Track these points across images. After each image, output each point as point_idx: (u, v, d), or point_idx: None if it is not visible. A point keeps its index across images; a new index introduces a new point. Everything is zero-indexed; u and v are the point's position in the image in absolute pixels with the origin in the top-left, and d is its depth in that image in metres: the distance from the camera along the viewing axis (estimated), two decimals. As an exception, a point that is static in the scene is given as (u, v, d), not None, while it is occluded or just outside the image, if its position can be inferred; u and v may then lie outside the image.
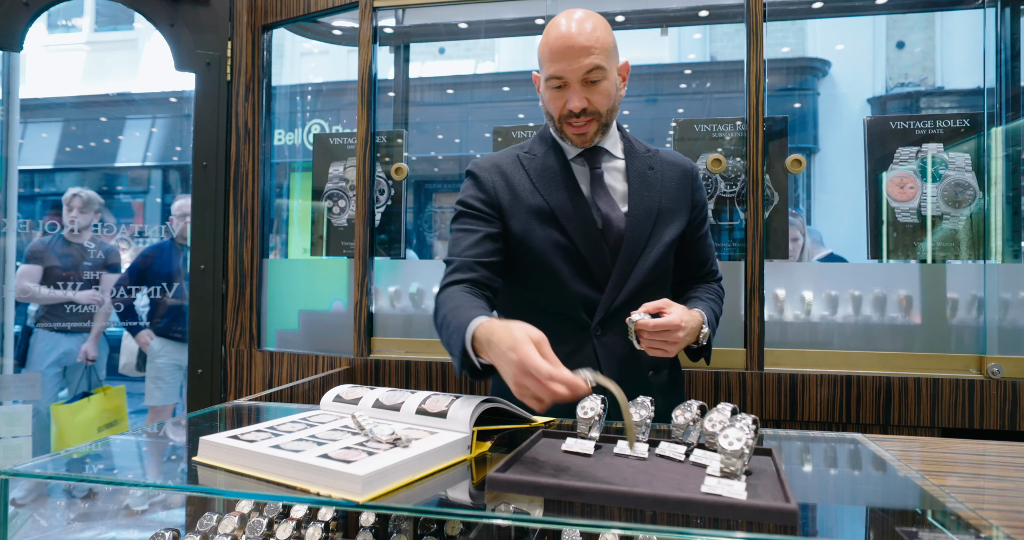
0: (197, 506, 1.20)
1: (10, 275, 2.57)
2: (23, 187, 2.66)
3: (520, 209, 1.32)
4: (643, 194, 1.34)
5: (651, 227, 1.33)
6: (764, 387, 1.82)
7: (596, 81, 1.25)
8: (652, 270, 1.32)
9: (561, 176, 1.33)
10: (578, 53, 1.23)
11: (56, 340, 2.91)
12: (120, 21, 9.00)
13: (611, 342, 1.31)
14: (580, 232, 1.29)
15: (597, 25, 1.26)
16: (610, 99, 1.28)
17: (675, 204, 1.37)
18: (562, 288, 1.30)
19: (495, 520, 0.80)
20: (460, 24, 2.56)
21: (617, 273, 1.29)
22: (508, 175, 1.35)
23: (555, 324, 1.31)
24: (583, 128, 1.29)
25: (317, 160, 2.41)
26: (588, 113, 1.27)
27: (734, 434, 0.79)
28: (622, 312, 1.30)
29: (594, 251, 1.29)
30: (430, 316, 2.20)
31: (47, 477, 0.83)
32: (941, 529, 0.71)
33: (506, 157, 1.39)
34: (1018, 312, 1.83)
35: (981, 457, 1.11)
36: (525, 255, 1.32)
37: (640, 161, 1.37)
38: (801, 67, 6.96)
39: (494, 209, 1.33)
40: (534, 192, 1.32)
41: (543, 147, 1.38)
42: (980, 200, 1.90)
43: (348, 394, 1.11)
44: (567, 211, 1.30)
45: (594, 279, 1.30)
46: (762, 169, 1.88)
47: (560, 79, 1.26)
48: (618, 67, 1.31)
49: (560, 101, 1.28)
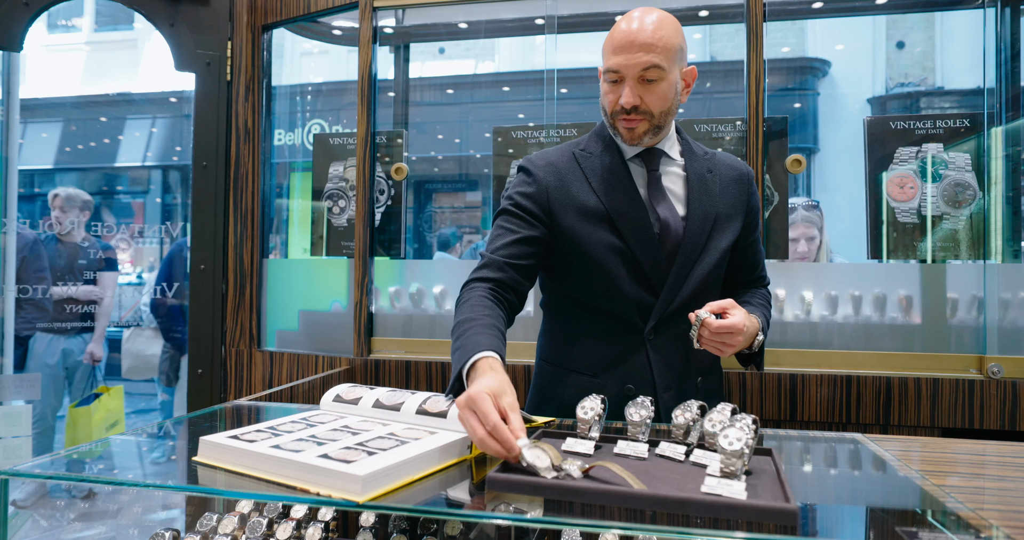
0: (197, 506, 1.20)
1: (10, 275, 2.57)
2: (23, 187, 2.65)
3: (574, 209, 1.29)
4: (702, 198, 1.31)
5: (708, 232, 1.30)
6: (764, 387, 1.82)
7: (652, 80, 1.22)
8: (708, 276, 1.30)
9: (618, 176, 1.30)
10: (638, 49, 1.20)
11: (56, 342, 2.90)
12: (120, 21, 9.00)
13: (664, 346, 1.30)
14: (636, 235, 1.26)
15: (665, 25, 1.22)
16: (665, 101, 1.25)
17: (732, 209, 1.35)
18: (616, 291, 1.28)
19: (495, 520, 0.80)
20: (460, 24, 2.56)
21: (674, 278, 1.27)
22: (563, 174, 1.32)
23: (607, 326, 1.31)
24: (633, 123, 1.25)
25: (317, 160, 2.41)
26: (640, 112, 1.24)
27: (734, 434, 0.79)
28: (676, 317, 1.28)
29: (650, 255, 1.26)
30: (430, 316, 2.20)
31: (47, 477, 0.83)
32: (941, 529, 0.71)
33: (561, 155, 1.36)
34: (1018, 312, 1.83)
35: (981, 457, 1.11)
36: (579, 256, 1.29)
37: (699, 164, 1.35)
38: (801, 67, 6.96)
39: (542, 210, 1.30)
40: (590, 192, 1.29)
41: (600, 145, 1.34)
42: (980, 200, 1.90)
43: (348, 394, 1.11)
44: (624, 213, 1.27)
45: (649, 283, 1.27)
46: (762, 169, 1.88)
47: (617, 73, 1.23)
48: (683, 71, 1.28)
49: (614, 95, 1.26)
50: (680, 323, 1.27)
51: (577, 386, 1.32)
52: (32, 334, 2.79)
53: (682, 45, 1.26)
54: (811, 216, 2.41)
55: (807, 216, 2.40)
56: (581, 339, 1.34)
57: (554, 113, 2.22)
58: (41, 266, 2.73)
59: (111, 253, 2.96)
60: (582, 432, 0.97)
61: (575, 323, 1.35)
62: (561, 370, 1.36)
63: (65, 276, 2.79)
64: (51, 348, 2.90)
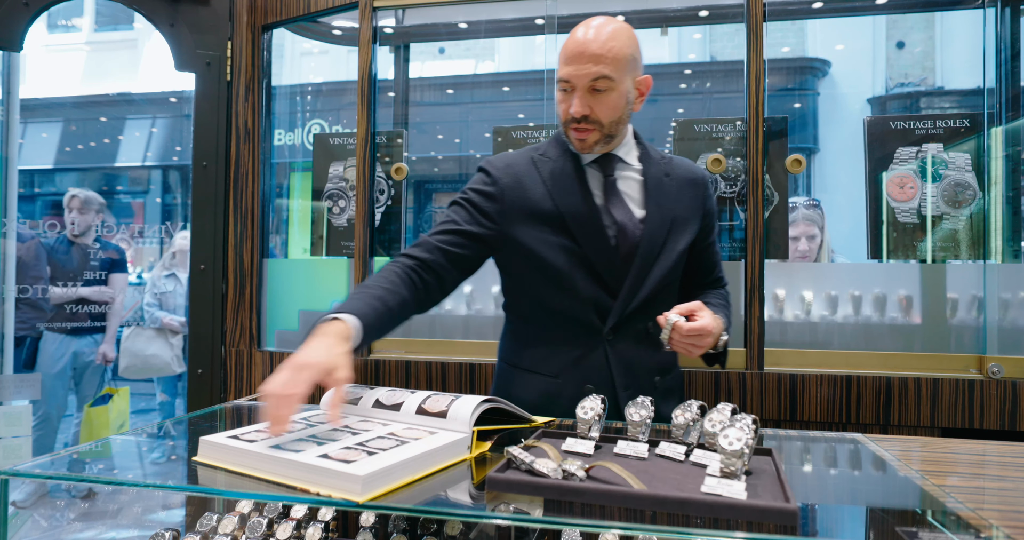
0: (197, 506, 1.20)
1: (10, 275, 2.56)
2: (23, 187, 2.66)
3: (530, 212, 1.31)
4: (659, 201, 1.34)
5: (666, 234, 1.33)
6: (764, 387, 1.82)
7: (602, 90, 1.24)
8: (666, 277, 1.33)
9: (574, 181, 1.32)
10: (587, 60, 1.22)
11: (67, 342, 2.90)
12: (120, 21, 9.00)
13: (622, 347, 1.32)
14: (590, 238, 1.29)
15: (616, 35, 1.24)
16: (615, 111, 1.27)
17: (688, 212, 1.37)
18: (573, 293, 1.30)
19: (495, 520, 0.80)
20: (460, 24, 2.55)
21: (632, 279, 1.29)
22: (520, 177, 1.34)
23: (565, 328, 1.33)
24: (583, 134, 1.28)
25: (317, 160, 2.41)
26: (590, 121, 1.27)
27: (734, 434, 0.79)
28: (634, 317, 1.30)
29: (605, 257, 1.29)
30: (430, 316, 2.20)
31: (47, 477, 0.83)
32: (941, 529, 0.71)
33: (521, 158, 1.38)
34: (1018, 312, 1.83)
35: (981, 457, 1.11)
36: (535, 259, 1.31)
37: (657, 168, 1.37)
38: (801, 67, 6.96)
39: (495, 210, 1.32)
40: (546, 196, 1.31)
41: (558, 150, 1.37)
42: (980, 200, 1.90)
43: (348, 394, 1.10)
44: (578, 217, 1.29)
45: (606, 285, 1.30)
46: (762, 169, 1.88)
47: (568, 83, 1.26)
48: (636, 80, 1.30)
49: (566, 105, 1.29)
50: (638, 323, 1.30)
51: (536, 387, 1.34)
52: (28, 335, 2.80)
53: (635, 55, 1.28)
54: (812, 215, 2.41)
55: (808, 214, 2.40)
56: (540, 341, 1.36)
57: (554, 113, 2.22)
58: (39, 266, 2.73)
59: (120, 255, 2.97)
60: (582, 432, 0.97)
61: (534, 325, 1.37)
62: (520, 371, 1.38)
63: (77, 277, 2.80)
64: (61, 349, 2.91)
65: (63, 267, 2.82)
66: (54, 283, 2.79)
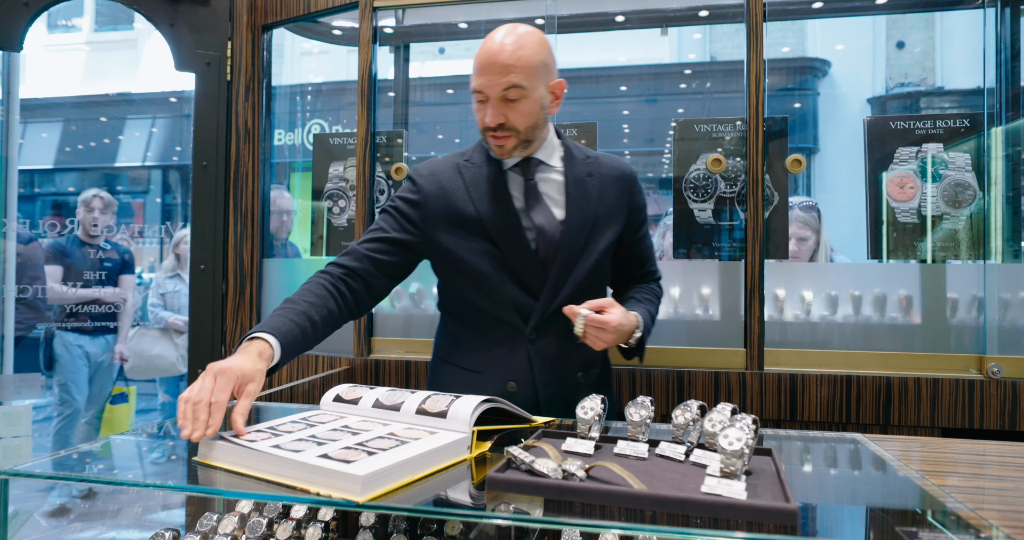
0: (197, 506, 1.20)
1: (10, 275, 2.56)
2: (23, 187, 2.66)
3: (453, 218, 1.35)
4: (580, 202, 1.36)
5: (587, 235, 1.35)
6: (764, 387, 1.82)
7: (515, 99, 1.27)
8: (588, 276, 1.35)
9: (494, 186, 1.36)
10: (498, 71, 1.25)
11: (83, 342, 2.92)
12: (120, 21, 9.00)
13: (545, 345, 1.35)
14: (510, 242, 1.32)
15: (525, 44, 1.27)
16: (530, 117, 1.30)
17: (612, 210, 1.39)
18: (495, 295, 1.33)
19: (495, 520, 0.80)
20: (460, 24, 2.55)
21: (552, 281, 1.33)
22: (444, 184, 1.38)
23: (492, 327, 1.38)
24: (501, 141, 1.32)
25: (317, 160, 2.41)
26: (506, 129, 1.30)
27: (734, 434, 0.79)
28: (557, 317, 1.33)
29: (525, 260, 1.32)
30: (430, 316, 2.20)
31: (47, 477, 0.83)
32: (941, 529, 0.71)
33: (446, 165, 1.42)
34: (1018, 312, 1.83)
35: (981, 457, 1.11)
36: (458, 263, 1.35)
37: (579, 169, 1.40)
38: (801, 67, 6.96)
39: (420, 217, 1.37)
40: (468, 201, 1.35)
41: (482, 156, 1.41)
42: (980, 200, 1.90)
43: (348, 394, 1.11)
44: (497, 221, 1.33)
45: (527, 288, 1.33)
46: (762, 169, 1.88)
47: (481, 93, 1.29)
48: (550, 85, 1.34)
49: (481, 114, 1.32)
50: (560, 322, 1.32)
51: (462, 382, 1.39)
52: (25, 334, 2.80)
53: (546, 60, 1.31)
54: (806, 217, 2.41)
55: (801, 217, 2.40)
56: (467, 338, 1.41)
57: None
58: (36, 266, 2.74)
59: (130, 256, 2.98)
60: (582, 432, 0.97)
61: (463, 323, 1.43)
62: (450, 367, 1.43)
63: (88, 278, 2.80)
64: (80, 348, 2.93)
65: (76, 268, 2.82)
66: (64, 283, 2.80)
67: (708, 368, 1.86)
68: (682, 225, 2.06)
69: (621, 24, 2.48)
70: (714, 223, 2.04)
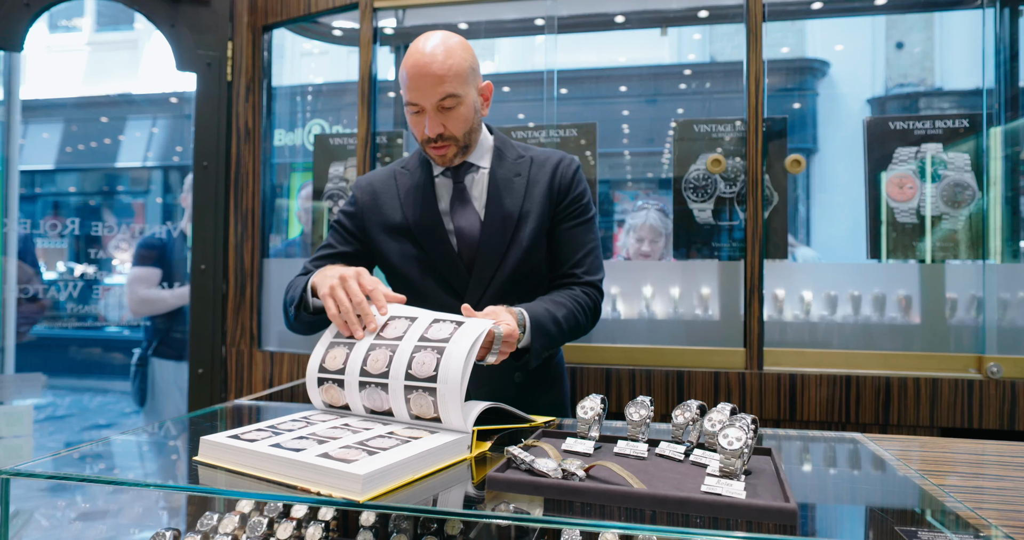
0: (197, 506, 1.20)
1: (10, 274, 2.56)
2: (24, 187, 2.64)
3: (385, 225, 1.39)
4: (501, 201, 1.36)
5: (510, 233, 1.35)
6: (764, 387, 1.82)
7: (450, 108, 1.28)
8: (513, 274, 1.35)
9: (422, 192, 1.38)
10: (431, 82, 1.25)
11: (178, 369, 2.67)
12: (121, 21, 9.01)
13: None
14: (434, 246, 1.35)
15: (452, 52, 1.27)
16: (467, 123, 1.31)
17: (539, 206, 1.37)
18: (424, 298, 1.35)
19: (495, 520, 0.80)
20: (460, 24, 2.56)
21: (475, 280, 1.34)
22: (379, 193, 1.42)
23: None
24: (442, 150, 1.33)
25: (317, 160, 2.41)
26: (445, 138, 1.31)
27: (734, 434, 0.79)
28: None
29: (448, 262, 1.34)
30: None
31: (47, 477, 0.83)
32: (941, 529, 0.71)
33: (384, 174, 1.46)
34: (1017, 312, 1.83)
35: (980, 457, 1.11)
36: (390, 268, 1.40)
37: (506, 169, 1.39)
38: (800, 67, 6.96)
39: (358, 228, 1.41)
40: (398, 208, 1.39)
41: (416, 163, 1.43)
42: (979, 200, 1.91)
43: (332, 364, 1.11)
44: (421, 225, 1.36)
45: (452, 288, 1.35)
46: (761, 169, 1.89)
47: (416, 105, 1.29)
48: (479, 88, 1.34)
49: (420, 126, 1.32)
50: None
51: None
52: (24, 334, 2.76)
53: (473, 65, 1.32)
54: (656, 224, 2.37)
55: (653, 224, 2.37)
56: None
57: (554, 113, 2.22)
58: (33, 266, 2.71)
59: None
60: (582, 432, 0.97)
61: None
62: None
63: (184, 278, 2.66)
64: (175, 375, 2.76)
65: (177, 270, 2.69)
66: (161, 285, 2.65)
67: (708, 368, 1.86)
68: (682, 225, 2.07)
69: (621, 24, 2.48)
70: (714, 223, 2.04)
